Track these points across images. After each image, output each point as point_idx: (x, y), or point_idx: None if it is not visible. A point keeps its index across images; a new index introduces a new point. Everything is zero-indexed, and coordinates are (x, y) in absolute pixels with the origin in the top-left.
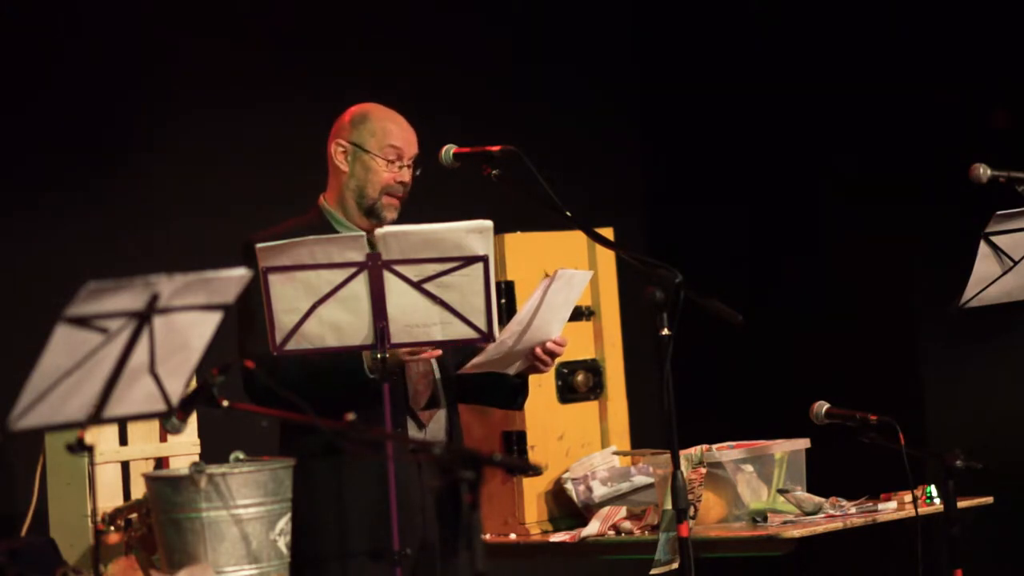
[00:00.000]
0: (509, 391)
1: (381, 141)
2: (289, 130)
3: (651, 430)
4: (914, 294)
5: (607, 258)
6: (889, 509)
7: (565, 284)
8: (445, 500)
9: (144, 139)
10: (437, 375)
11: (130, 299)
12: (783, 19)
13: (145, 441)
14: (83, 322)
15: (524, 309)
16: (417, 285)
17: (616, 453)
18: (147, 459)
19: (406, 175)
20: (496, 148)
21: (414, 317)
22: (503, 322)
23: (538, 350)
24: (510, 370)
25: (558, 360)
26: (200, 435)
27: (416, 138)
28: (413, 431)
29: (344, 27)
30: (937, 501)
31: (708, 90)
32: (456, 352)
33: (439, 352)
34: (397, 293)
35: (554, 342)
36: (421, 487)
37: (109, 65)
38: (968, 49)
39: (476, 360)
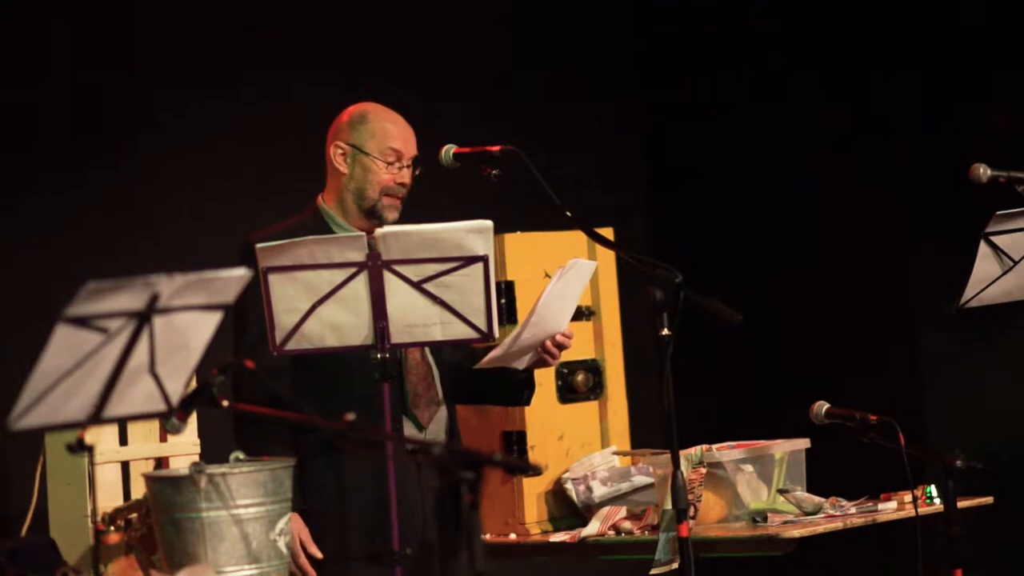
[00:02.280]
0: (516, 387)
1: (381, 143)
2: (289, 130)
3: (651, 430)
4: (914, 294)
5: (607, 258)
6: (889, 509)
7: (576, 274)
8: (445, 500)
9: (144, 139)
10: (436, 375)
11: (130, 299)
12: (783, 19)
13: (145, 441)
14: (83, 322)
15: (539, 302)
16: (417, 285)
17: (616, 453)
18: (147, 459)
19: (406, 176)
20: (496, 148)
21: (414, 317)
22: (503, 322)
23: (548, 342)
24: (518, 364)
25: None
26: (200, 435)
27: (415, 138)
28: (413, 432)
29: (344, 26)
30: (937, 501)
31: (709, 90)
32: (454, 352)
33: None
34: (397, 293)
35: (563, 334)
36: (420, 487)
37: (109, 64)
38: (968, 49)
39: (491, 355)
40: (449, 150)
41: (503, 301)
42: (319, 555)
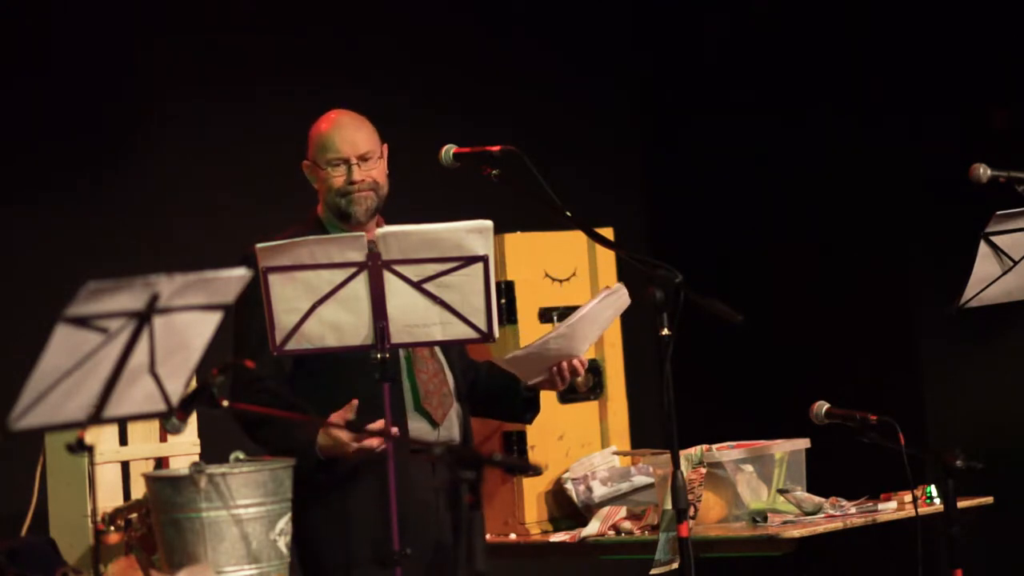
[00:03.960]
0: (520, 405)
1: (327, 155)
2: (290, 131)
3: (651, 430)
4: (914, 294)
5: (607, 258)
6: (889, 509)
7: (614, 302)
8: (455, 500)
9: (144, 139)
10: (448, 373)
11: (130, 299)
12: (783, 18)
13: (145, 441)
14: (83, 322)
15: (577, 313)
16: (417, 285)
17: (616, 453)
18: (147, 459)
19: (357, 173)
20: (496, 148)
21: (414, 317)
22: (503, 322)
23: (563, 364)
24: (528, 377)
25: None
26: (200, 435)
27: (364, 135)
28: (426, 429)
29: (344, 27)
30: (937, 501)
31: (709, 89)
32: (461, 357)
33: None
34: (397, 293)
35: (579, 360)
36: (434, 488)
37: (109, 63)
38: (968, 49)
39: (515, 353)
40: (449, 150)
41: (503, 301)
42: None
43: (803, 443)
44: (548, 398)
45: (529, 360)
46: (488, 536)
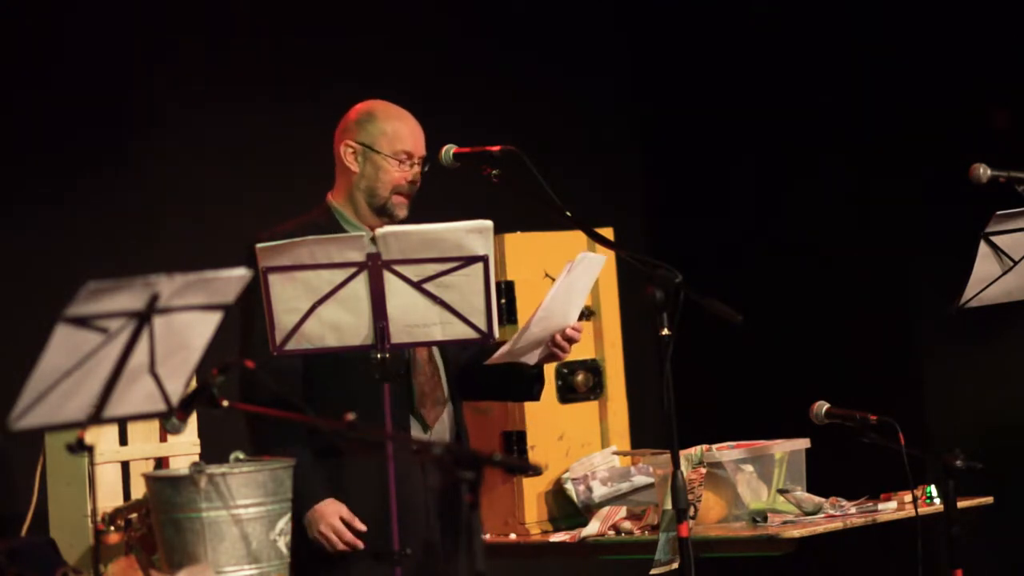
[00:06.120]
0: (526, 382)
1: (392, 144)
2: (289, 129)
3: (651, 430)
4: (914, 294)
5: (607, 258)
6: (889, 509)
7: (585, 268)
8: (446, 500)
9: (144, 138)
10: (442, 374)
11: (130, 299)
12: (782, 22)
13: (145, 441)
14: (83, 322)
15: (548, 296)
16: (417, 285)
17: (616, 453)
18: (147, 459)
19: (416, 174)
20: (496, 148)
21: (414, 317)
22: (503, 322)
23: (557, 336)
24: (529, 360)
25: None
26: (200, 435)
27: (423, 135)
28: (418, 432)
29: (344, 26)
30: (937, 501)
31: (708, 90)
32: (460, 350)
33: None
34: (397, 293)
35: (572, 328)
36: (424, 487)
37: (109, 63)
38: (968, 49)
39: (501, 351)
40: (449, 150)
41: (503, 301)
42: (363, 528)
43: (803, 443)
44: (548, 398)
45: (521, 349)
46: (488, 536)
